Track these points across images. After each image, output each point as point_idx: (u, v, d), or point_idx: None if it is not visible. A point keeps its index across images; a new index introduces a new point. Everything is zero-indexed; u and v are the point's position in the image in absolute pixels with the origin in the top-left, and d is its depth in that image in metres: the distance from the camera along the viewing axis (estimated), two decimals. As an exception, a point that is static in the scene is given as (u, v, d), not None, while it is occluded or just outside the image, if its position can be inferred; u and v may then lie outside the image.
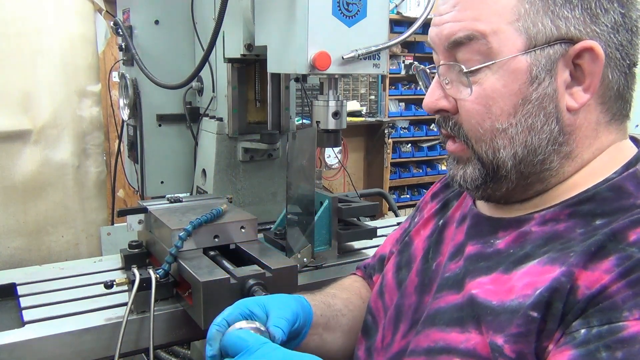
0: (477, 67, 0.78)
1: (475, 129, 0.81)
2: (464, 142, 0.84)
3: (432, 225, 1.03)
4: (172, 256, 1.22)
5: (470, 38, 0.78)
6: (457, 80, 0.82)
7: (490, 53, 0.77)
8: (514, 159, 0.80)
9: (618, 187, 0.77)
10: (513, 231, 0.82)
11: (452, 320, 0.80)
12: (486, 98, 0.79)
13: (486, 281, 0.79)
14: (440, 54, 0.84)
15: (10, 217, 2.12)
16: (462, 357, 0.76)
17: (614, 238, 0.70)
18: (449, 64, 0.82)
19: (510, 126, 0.78)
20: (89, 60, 2.27)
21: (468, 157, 0.85)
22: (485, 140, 0.81)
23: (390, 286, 1.02)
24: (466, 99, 0.80)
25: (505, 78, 0.77)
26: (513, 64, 0.77)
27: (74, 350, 1.15)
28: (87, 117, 2.28)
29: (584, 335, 0.66)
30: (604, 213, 0.75)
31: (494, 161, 0.81)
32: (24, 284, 1.38)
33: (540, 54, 0.76)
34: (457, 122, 0.84)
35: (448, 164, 0.91)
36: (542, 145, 0.79)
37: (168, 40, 1.97)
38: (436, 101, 0.85)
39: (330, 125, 1.42)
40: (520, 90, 0.77)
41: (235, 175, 1.84)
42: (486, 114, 0.79)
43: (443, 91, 0.84)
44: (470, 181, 0.85)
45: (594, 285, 0.67)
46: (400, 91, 5.69)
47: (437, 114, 0.87)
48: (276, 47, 1.45)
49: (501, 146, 0.80)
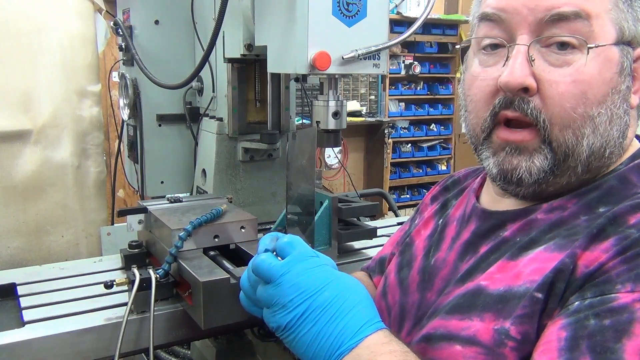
0: (594, 45, 0.74)
1: (568, 113, 0.76)
2: (538, 128, 0.78)
3: (433, 225, 1.03)
4: (172, 256, 1.22)
5: (578, 15, 0.74)
6: (544, 59, 0.77)
7: (591, 36, 0.75)
8: (589, 150, 0.77)
9: (623, 177, 0.78)
10: (520, 221, 0.83)
11: (453, 308, 0.81)
12: (583, 82, 0.76)
13: (494, 270, 0.79)
14: (524, 27, 0.77)
15: (10, 217, 2.12)
16: (462, 343, 0.76)
17: (614, 221, 0.71)
18: (563, 37, 0.75)
19: (598, 114, 0.77)
20: (88, 60, 2.27)
21: (535, 147, 0.79)
22: (573, 127, 0.76)
23: (393, 286, 1.02)
24: (560, 81, 0.76)
25: (600, 65, 0.76)
26: (609, 52, 0.77)
27: (74, 350, 1.15)
28: (87, 117, 2.28)
29: (576, 306, 0.67)
30: (609, 201, 0.76)
31: (571, 150, 0.77)
32: (24, 284, 1.38)
33: (625, 49, 0.78)
34: (537, 106, 0.77)
35: (499, 156, 0.82)
36: (615, 137, 0.79)
37: (168, 40, 1.96)
38: (525, 77, 0.76)
39: (330, 125, 1.42)
40: (612, 79, 0.77)
41: (235, 175, 1.84)
42: (581, 99, 0.76)
43: (529, 69, 0.77)
44: (537, 172, 0.79)
45: (592, 264, 0.69)
46: (400, 91, 5.69)
47: (513, 95, 0.78)
48: (276, 47, 1.45)
49: (586, 134, 0.77)
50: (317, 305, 0.79)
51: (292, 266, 0.83)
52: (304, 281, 0.81)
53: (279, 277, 0.82)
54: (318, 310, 0.78)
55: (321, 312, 0.78)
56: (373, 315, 0.79)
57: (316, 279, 0.81)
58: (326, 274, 0.83)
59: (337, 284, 0.81)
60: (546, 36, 0.76)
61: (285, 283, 0.81)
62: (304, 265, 0.83)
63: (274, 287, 0.82)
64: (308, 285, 0.80)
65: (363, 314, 0.78)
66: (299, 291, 0.80)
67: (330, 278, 0.82)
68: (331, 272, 0.84)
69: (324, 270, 0.83)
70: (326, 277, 0.82)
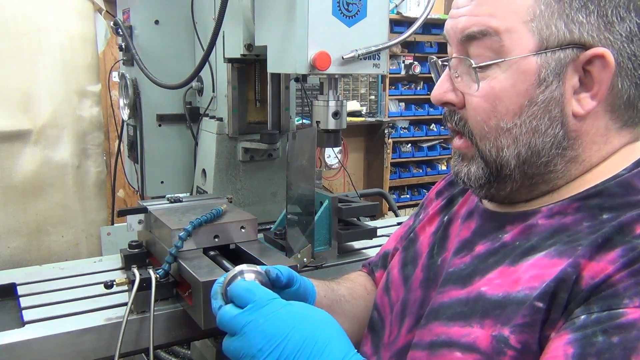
0: (487, 63, 0.78)
1: (481, 126, 0.81)
2: (468, 139, 0.84)
3: (438, 222, 1.03)
4: (172, 256, 1.22)
5: (484, 34, 0.78)
6: (467, 75, 0.82)
7: (502, 51, 0.77)
8: (517, 159, 0.80)
9: (627, 183, 0.77)
10: (520, 224, 0.83)
11: (455, 315, 0.80)
12: (493, 96, 0.79)
13: (494, 276, 0.79)
14: (453, 46, 0.84)
15: (10, 217, 2.11)
16: (462, 350, 0.76)
17: (621, 231, 0.70)
18: (460, 58, 0.82)
19: (514, 126, 0.78)
20: (88, 60, 2.27)
21: (472, 155, 0.85)
22: (489, 138, 0.81)
23: (396, 282, 1.02)
24: (474, 95, 0.80)
25: (514, 77, 0.77)
26: (523, 64, 0.77)
27: (74, 350, 1.15)
28: (87, 117, 2.28)
29: (583, 321, 0.66)
30: (612, 207, 0.75)
31: (497, 160, 0.81)
32: (24, 284, 1.38)
33: (551, 57, 0.76)
34: (463, 118, 0.84)
35: (453, 160, 0.92)
36: (546, 148, 0.79)
37: (168, 40, 1.97)
38: (444, 93, 0.84)
39: (330, 125, 1.42)
40: (528, 91, 0.77)
41: (235, 175, 1.84)
42: (492, 112, 0.79)
43: (452, 84, 0.84)
44: (474, 179, 0.85)
45: (598, 275, 0.68)
46: (400, 91, 5.68)
47: (444, 107, 0.87)
48: (276, 47, 1.45)
49: (505, 145, 0.80)
50: (289, 352, 0.75)
51: (254, 312, 0.79)
52: (270, 327, 0.77)
53: (242, 327, 0.79)
54: (290, 357, 0.75)
55: (294, 358, 0.75)
56: (348, 349, 0.77)
57: (283, 323, 0.78)
58: (292, 315, 0.79)
59: (306, 325, 0.78)
60: (456, 56, 0.83)
61: (250, 332, 0.78)
62: (268, 310, 0.79)
63: (240, 338, 0.78)
64: (275, 331, 0.77)
65: (338, 351, 0.76)
66: (266, 339, 0.76)
67: (297, 319, 0.79)
68: (297, 312, 0.81)
69: (290, 311, 0.80)
70: (293, 319, 0.79)
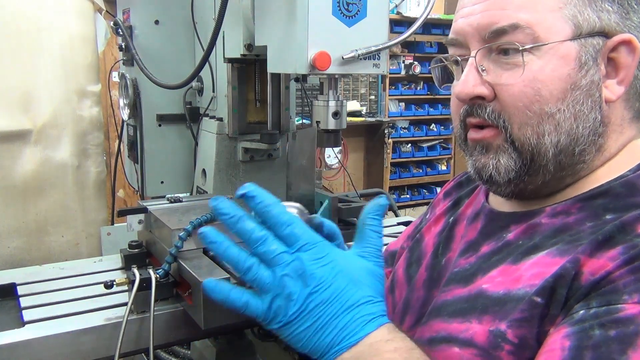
0: (530, 46, 0.77)
1: (522, 112, 0.79)
2: (500, 129, 0.81)
3: (443, 222, 1.03)
4: (172, 256, 1.22)
5: (515, 27, 0.77)
6: (496, 66, 0.81)
7: (537, 40, 0.77)
8: (555, 148, 0.79)
9: (631, 184, 0.77)
10: (524, 223, 0.83)
11: (456, 312, 0.81)
12: (534, 81, 0.78)
13: (496, 274, 0.79)
14: (472, 44, 0.82)
15: (10, 217, 2.12)
16: (460, 345, 0.76)
17: (622, 229, 0.70)
18: (485, 49, 0.80)
19: (558, 111, 0.78)
20: (88, 60, 2.27)
21: (499, 145, 0.82)
22: (531, 124, 0.79)
23: (401, 282, 1.02)
24: (512, 83, 0.79)
25: (553, 63, 0.77)
26: (562, 49, 0.77)
27: (74, 350, 1.15)
28: (87, 117, 2.28)
29: (581, 315, 0.66)
30: (615, 208, 0.75)
31: (535, 148, 0.79)
32: (24, 284, 1.38)
33: (588, 42, 0.78)
34: (495, 109, 0.81)
35: (473, 156, 0.86)
36: (585, 135, 0.79)
37: (168, 40, 1.96)
38: (473, 87, 0.81)
39: (330, 125, 1.42)
40: (570, 76, 0.77)
41: (235, 175, 1.84)
42: (535, 97, 0.78)
43: (479, 78, 0.82)
44: (504, 172, 0.81)
45: (598, 272, 0.68)
46: (400, 91, 5.69)
47: (469, 103, 0.84)
48: (276, 47, 1.45)
49: (546, 132, 0.78)
50: (322, 298, 0.72)
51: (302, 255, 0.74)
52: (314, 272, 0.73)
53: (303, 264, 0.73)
54: (322, 303, 0.72)
55: (326, 305, 0.72)
56: (377, 310, 0.74)
57: (325, 270, 0.73)
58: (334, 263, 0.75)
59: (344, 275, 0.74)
60: (488, 46, 0.81)
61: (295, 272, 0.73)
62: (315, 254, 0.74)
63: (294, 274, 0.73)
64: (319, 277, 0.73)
65: (367, 310, 0.73)
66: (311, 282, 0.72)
67: (337, 269, 0.74)
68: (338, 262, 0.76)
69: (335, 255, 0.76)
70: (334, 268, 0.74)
